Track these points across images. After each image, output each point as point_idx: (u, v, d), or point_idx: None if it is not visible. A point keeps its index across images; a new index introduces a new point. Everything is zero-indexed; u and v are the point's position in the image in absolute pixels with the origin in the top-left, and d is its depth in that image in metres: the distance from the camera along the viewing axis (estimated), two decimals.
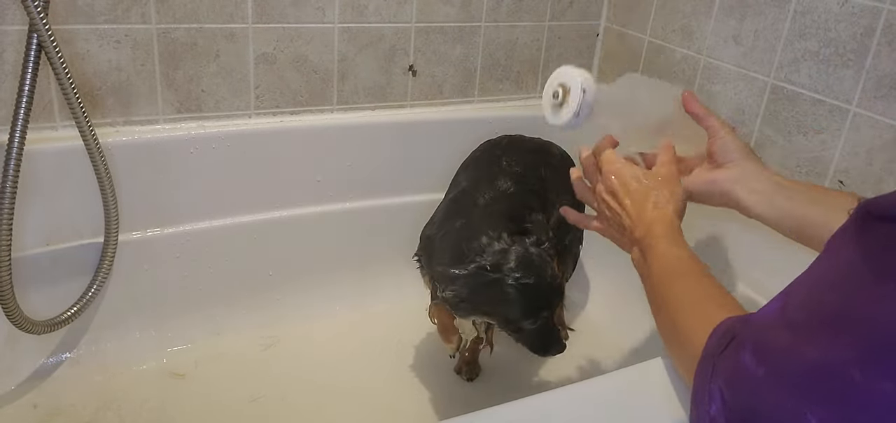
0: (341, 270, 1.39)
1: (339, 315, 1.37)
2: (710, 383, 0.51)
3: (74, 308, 1.12)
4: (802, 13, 1.12)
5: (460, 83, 1.45)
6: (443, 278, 0.97)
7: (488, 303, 0.95)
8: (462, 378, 1.24)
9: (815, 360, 0.40)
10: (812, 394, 0.40)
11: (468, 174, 1.18)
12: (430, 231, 1.09)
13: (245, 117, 1.27)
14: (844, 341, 0.39)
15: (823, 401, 0.39)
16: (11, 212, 0.98)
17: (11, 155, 0.97)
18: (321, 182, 1.33)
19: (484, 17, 1.40)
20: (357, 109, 1.36)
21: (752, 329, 0.49)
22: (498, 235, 0.95)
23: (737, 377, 0.48)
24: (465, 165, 1.23)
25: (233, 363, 1.24)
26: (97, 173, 1.08)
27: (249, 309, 1.32)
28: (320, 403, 1.18)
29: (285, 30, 1.24)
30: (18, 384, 1.13)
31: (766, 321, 0.48)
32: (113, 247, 1.14)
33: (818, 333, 0.41)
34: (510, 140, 1.26)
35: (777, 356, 0.44)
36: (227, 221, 1.27)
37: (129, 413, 1.11)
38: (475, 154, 1.24)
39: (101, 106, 1.15)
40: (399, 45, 1.35)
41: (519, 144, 1.25)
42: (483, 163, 1.20)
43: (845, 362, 0.39)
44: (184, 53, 1.18)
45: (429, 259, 1.06)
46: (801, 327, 0.42)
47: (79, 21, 1.09)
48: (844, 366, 0.38)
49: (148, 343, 1.24)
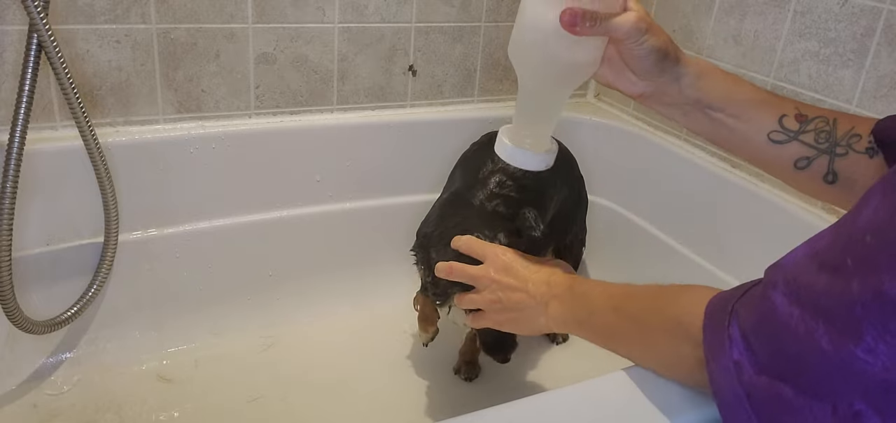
0: (341, 270, 1.39)
1: (339, 315, 1.37)
2: (730, 329, 0.49)
3: (74, 308, 1.12)
4: (802, 13, 1.12)
5: (460, 83, 1.45)
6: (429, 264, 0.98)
7: (461, 289, 0.94)
8: (462, 378, 1.24)
9: (862, 294, 0.38)
10: (861, 327, 0.38)
11: (464, 172, 1.18)
12: (426, 229, 1.09)
13: (245, 117, 1.27)
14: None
15: (879, 333, 0.38)
16: (12, 212, 0.98)
17: (11, 155, 0.97)
18: (321, 182, 1.33)
19: (484, 17, 1.40)
20: (357, 109, 1.36)
21: (783, 271, 0.46)
22: (494, 235, 0.95)
23: (767, 319, 0.45)
24: (461, 161, 1.22)
25: (233, 364, 1.24)
26: (97, 173, 1.08)
27: (249, 309, 1.32)
28: (320, 403, 1.18)
29: (285, 30, 1.24)
30: (18, 384, 1.13)
31: (797, 265, 0.46)
32: (113, 247, 1.14)
33: (864, 269, 0.39)
34: None
35: (817, 294, 0.42)
36: (227, 221, 1.27)
37: (129, 413, 1.11)
38: (472, 148, 1.24)
39: (101, 106, 1.15)
40: (399, 45, 1.35)
41: None
42: (479, 160, 1.20)
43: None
44: (184, 53, 1.18)
45: (425, 255, 1.06)
46: (841, 268, 0.40)
47: (79, 21, 1.09)
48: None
49: (148, 343, 1.24)
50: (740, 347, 0.47)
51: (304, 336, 1.32)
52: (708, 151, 1.32)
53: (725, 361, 0.49)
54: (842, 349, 0.39)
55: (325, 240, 1.36)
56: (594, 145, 1.38)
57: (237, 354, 1.26)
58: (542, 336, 1.35)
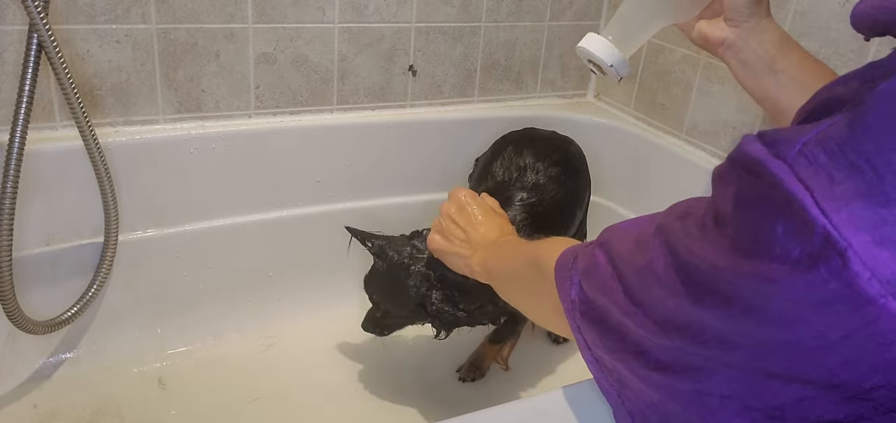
0: (341, 270, 1.38)
1: (340, 315, 1.37)
2: (571, 270, 0.56)
3: (74, 308, 1.12)
4: (802, 13, 1.12)
5: (460, 83, 1.45)
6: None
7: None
8: (462, 379, 1.24)
9: (642, 265, 0.45)
10: (643, 298, 0.45)
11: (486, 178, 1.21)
12: None
13: (245, 117, 1.27)
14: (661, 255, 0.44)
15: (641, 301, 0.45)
16: (12, 212, 0.98)
17: (12, 155, 0.97)
18: (321, 182, 1.33)
19: (484, 17, 1.40)
20: (357, 109, 1.36)
21: (609, 231, 0.54)
22: None
23: (589, 269, 0.53)
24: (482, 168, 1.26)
25: (233, 364, 1.24)
26: (97, 173, 1.08)
27: (249, 309, 1.32)
28: (320, 403, 1.18)
29: (285, 30, 1.24)
30: (18, 384, 1.13)
31: (621, 228, 0.53)
32: (113, 247, 1.14)
33: (646, 247, 0.45)
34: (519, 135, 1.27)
35: (621, 256, 0.49)
36: (227, 221, 1.27)
37: (128, 413, 1.11)
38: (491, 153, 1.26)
39: (101, 106, 1.15)
40: (399, 45, 1.35)
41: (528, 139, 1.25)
42: (490, 158, 1.22)
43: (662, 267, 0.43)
44: (184, 53, 1.18)
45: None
46: (647, 245, 0.46)
47: (79, 21, 1.09)
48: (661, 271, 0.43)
49: (148, 343, 1.24)
50: (577, 288, 0.55)
51: (304, 336, 1.32)
52: (708, 151, 1.32)
53: (565, 295, 0.56)
54: (628, 310, 0.46)
55: (325, 240, 1.36)
56: (594, 145, 1.38)
57: (237, 354, 1.26)
58: (543, 336, 1.36)
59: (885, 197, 0.31)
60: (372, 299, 1.13)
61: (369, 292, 1.12)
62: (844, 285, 0.31)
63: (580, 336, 0.55)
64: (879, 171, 0.31)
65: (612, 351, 0.50)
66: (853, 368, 0.32)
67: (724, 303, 0.37)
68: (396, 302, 1.08)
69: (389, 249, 1.06)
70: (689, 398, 0.42)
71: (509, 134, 1.29)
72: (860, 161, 0.32)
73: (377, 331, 1.15)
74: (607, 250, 0.51)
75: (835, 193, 0.32)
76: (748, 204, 0.36)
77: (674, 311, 0.41)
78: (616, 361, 0.49)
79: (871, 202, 0.31)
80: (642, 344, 0.45)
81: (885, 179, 0.31)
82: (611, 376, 0.51)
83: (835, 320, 0.32)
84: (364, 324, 1.15)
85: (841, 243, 0.31)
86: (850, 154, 0.32)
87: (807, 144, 0.34)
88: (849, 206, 0.31)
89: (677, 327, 0.41)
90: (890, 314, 0.30)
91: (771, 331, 0.35)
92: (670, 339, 0.42)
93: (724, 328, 0.37)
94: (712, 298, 0.38)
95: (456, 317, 1.03)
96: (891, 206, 0.30)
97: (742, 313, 0.36)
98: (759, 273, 0.34)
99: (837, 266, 0.31)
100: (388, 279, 1.06)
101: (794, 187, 0.33)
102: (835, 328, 0.32)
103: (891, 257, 0.30)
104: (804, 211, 0.32)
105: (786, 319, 0.34)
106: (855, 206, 0.31)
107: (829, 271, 0.31)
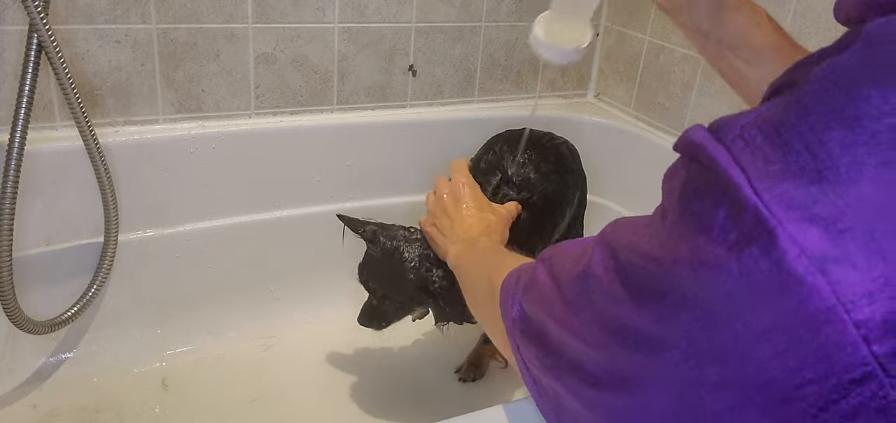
0: (341, 270, 1.38)
1: (340, 315, 1.36)
2: (515, 289, 0.56)
3: (74, 308, 1.12)
4: (802, 13, 1.12)
5: (460, 83, 1.45)
6: None
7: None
8: (462, 378, 1.24)
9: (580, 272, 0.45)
10: (573, 302, 0.45)
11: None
12: None
13: (245, 117, 1.27)
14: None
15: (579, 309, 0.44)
16: (12, 212, 0.98)
17: (12, 155, 0.97)
18: (321, 182, 1.33)
19: (484, 17, 1.40)
20: (357, 109, 1.36)
21: (552, 251, 0.54)
22: None
23: (530, 285, 0.53)
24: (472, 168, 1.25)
25: (233, 364, 1.24)
26: (97, 173, 1.08)
27: (249, 309, 1.32)
28: (320, 403, 1.18)
29: (285, 30, 1.24)
30: (18, 384, 1.13)
31: (566, 243, 0.53)
32: (113, 247, 1.14)
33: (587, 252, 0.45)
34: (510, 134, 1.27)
35: (561, 267, 0.49)
36: (227, 221, 1.27)
37: (128, 414, 1.11)
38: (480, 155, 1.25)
39: (101, 106, 1.15)
40: (399, 45, 1.35)
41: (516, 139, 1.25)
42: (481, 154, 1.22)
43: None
44: (184, 53, 1.18)
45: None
46: (585, 246, 0.46)
47: (79, 21, 1.09)
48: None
49: (148, 344, 1.24)
50: (518, 307, 0.54)
51: (304, 336, 1.32)
52: None
53: (506, 313, 0.56)
54: (566, 323, 0.45)
55: (325, 240, 1.36)
56: (594, 145, 1.38)
57: (237, 354, 1.26)
58: None
59: (816, 175, 0.30)
60: (368, 288, 1.10)
61: (364, 280, 1.09)
62: (773, 264, 0.30)
63: (519, 355, 0.53)
64: (812, 149, 0.31)
65: (549, 369, 0.48)
66: (783, 361, 0.31)
67: (659, 299, 0.36)
68: (395, 287, 1.05)
69: (382, 234, 1.05)
70: (624, 415, 0.40)
71: (502, 132, 1.28)
72: (794, 141, 0.31)
73: (375, 324, 1.11)
74: (549, 265, 0.51)
75: (769, 173, 0.31)
76: (690, 191, 0.35)
77: (608, 316, 0.40)
78: (553, 379, 0.48)
79: (804, 181, 0.30)
80: (579, 358, 0.44)
81: (817, 158, 0.30)
82: (549, 398, 0.50)
83: (765, 305, 0.31)
84: (360, 318, 1.12)
85: (770, 220, 0.30)
86: (785, 134, 0.32)
87: (745, 127, 0.34)
88: (781, 184, 0.31)
89: (611, 331, 0.40)
90: (818, 293, 0.29)
91: (704, 325, 0.34)
92: (604, 348, 0.41)
93: (657, 329, 0.36)
94: (647, 295, 0.37)
95: (458, 297, 1.01)
96: (823, 184, 0.30)
97: (676, 307, 0.35)
98: (696, 258, 0.33)
99: (767, 244, 0.31)
100: (384, 264, 1.04)
101: (731, 169, 0.32)
102: (765, 313, 0.31)
103: (820, 235, 0.30)
104: (738, 192, 0.32)
105: (720, 310, 0.33)
106: (787, 185, 0.31)
107: (760, 249, 0.31)
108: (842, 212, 0.29)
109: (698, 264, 0.33)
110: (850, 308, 0.28)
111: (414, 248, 1.02)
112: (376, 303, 1.10)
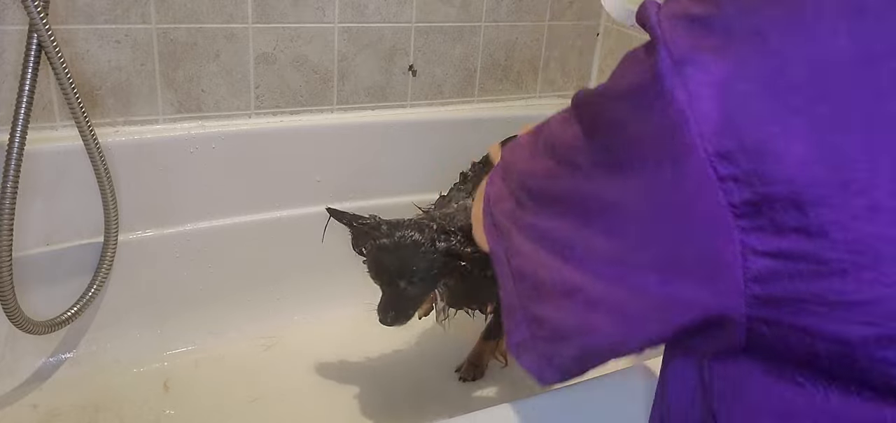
0: (341, 270, 1.38)
1: (340, 315, 1.37)
2: (488, 185, 0.60)
3: (74, 308, 1.12)
4: None
5: (460, 83, 1.45)
6: None
7: None
8: (462, 378, 1.24)
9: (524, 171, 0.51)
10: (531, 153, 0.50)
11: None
12: None
13: (245, 117, 1.27)
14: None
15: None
16: (12, 212, 0.98)
17: (12, 155, 0.97)
18: (321, 182, 1.33)
19: (484, 17, 1.40)
20: (357, 109, 1.36)
21: (507, 148, 0.59)
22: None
23: (490, 182, 0.58)
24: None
25: (233, 364, 1.24)
26: (97, 173, 1.08)
27: (249, 309, 1.32)
28: (320, 403, 1.18)
29: (285, 30, 1.24)
30: (18, 384, 1.13)
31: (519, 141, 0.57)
32: (113, 247, 1.14)
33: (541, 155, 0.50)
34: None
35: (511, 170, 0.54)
36: (227, 221, 1.27)
37: (129, 414, 1.11)
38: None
39: (101, 106, 1.15)
40: (399, 45, 1.35)
41: None
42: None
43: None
44: (184, 53, 1.18)
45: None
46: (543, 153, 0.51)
47: (79, 21, 1.09)
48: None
49: (148, 344, 1.24)
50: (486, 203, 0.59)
51: (304, 336, 1.32)
52: None
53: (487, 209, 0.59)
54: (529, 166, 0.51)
55: (325, 240, 1.36)
56: None
57: (237, 354, 1.26)
58: None
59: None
60: (386, 282, 1.03)
61: (375, 274, 1.04)
62: (652, 74, 0.35)
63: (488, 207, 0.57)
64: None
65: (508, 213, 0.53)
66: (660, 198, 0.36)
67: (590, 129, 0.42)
68: (417, 267, 0.99)
69: (383, 222, 1.02)
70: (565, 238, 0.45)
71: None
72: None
73: (401, 319, 1.03)
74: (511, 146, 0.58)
75: (671, 9, 0.37)
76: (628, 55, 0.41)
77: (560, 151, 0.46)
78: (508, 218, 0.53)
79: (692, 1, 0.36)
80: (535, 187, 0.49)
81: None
82: (502, 237, 0.54)
83: (646, 117, 0.36)
84: (382, 318, 1.03)
85: (657, 30, 0.36)
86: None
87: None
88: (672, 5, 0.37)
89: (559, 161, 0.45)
90: (676, 99, 0.33)
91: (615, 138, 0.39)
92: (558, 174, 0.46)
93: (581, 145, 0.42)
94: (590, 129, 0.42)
95: (482, 258, 0.93)
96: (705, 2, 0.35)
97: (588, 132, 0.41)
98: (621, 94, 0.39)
99: (652, 54, 0.35)
100: (399, 250, 0.99)
101: (653, 17, 0.37)
102: (646, 125, 0.35)
103: (685, 38, 0.34)
104: (652, 28, 0.36)
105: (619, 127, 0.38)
106: (675, 6, 0.36)
107: (650, 63, 0.35)
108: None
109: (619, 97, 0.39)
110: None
111: (426, 224, 1.00)
112: (397, 295, 1.03)
